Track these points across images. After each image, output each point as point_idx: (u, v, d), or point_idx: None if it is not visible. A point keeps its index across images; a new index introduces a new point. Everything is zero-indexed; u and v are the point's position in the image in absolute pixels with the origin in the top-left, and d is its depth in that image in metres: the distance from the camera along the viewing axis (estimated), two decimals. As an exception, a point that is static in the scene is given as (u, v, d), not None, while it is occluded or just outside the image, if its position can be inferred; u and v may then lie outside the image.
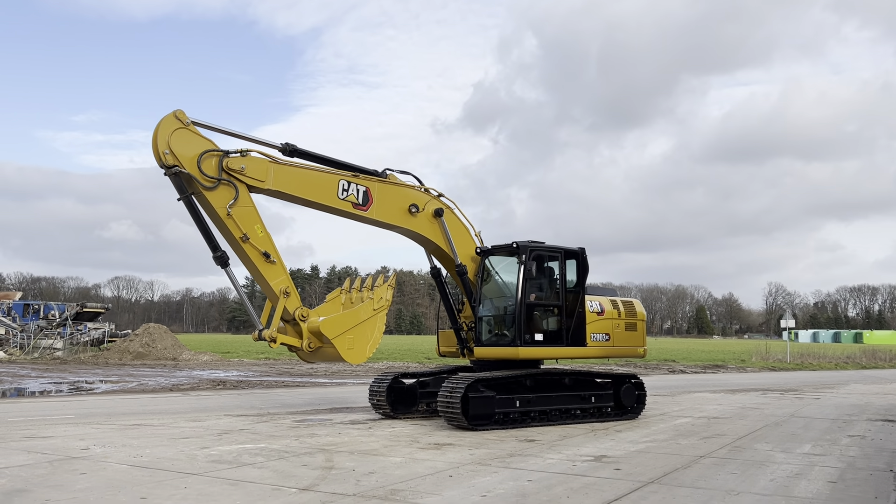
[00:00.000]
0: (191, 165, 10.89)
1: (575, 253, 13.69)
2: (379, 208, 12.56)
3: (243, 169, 11.26)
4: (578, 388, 13.61)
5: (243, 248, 11.35)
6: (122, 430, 11.96)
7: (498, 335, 13.41)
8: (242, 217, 11.26)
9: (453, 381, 12.25)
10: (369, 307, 12.12)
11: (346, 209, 12.27)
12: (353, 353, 11.98)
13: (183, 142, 10.89)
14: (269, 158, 11.64)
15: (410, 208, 12.83)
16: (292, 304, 11.81)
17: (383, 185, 12.68)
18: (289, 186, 11.75)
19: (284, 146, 12.05)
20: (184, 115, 10.96)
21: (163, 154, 10.75)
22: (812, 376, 32.83)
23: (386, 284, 12.40)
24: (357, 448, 10.12)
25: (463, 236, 13.58)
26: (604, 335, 13.91)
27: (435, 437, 11.35)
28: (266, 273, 11.56)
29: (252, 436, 11.31)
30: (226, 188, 11.15)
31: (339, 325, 11.85)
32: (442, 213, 13.17)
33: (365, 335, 12.06)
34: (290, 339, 12.03)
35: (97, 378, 26.35)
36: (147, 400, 17.71)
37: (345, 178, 12.23)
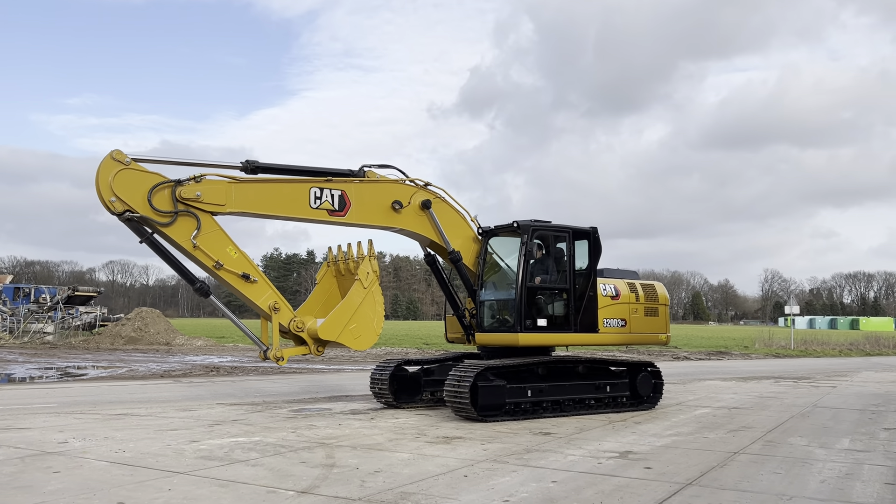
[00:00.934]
0: (142, 206, 10.03)
1: (585, 233, 12.85)
2: (358, 211, 11.57)
3: (199, 196, 10.35)
4: (593, 377, 12.81)
5: (219, 275, 10.57)
6: (106, 421, 11.14)
7: (500, 321, 12.59)
8: (210, 244, 10.42)
9: (461, 370, 11.45)
10: (359, 289, 11.32)
11: (322, 217, 11.37)
12: (361, 341, 11.29)
13: (127, 183, 9.99)
14: (228, 179, 10.72)
15: (394, 205, 11.82)
16: (284, 317, 11.09)
17: (361, 186, 11.65)
18: (253, 205, 10.84)
19: (245, 164, 11.10)
20: (122, 155, 9.97)
21: (109, 202, 9.87)
22: (819, 363, 32.15)
23: (367, 257, 11.59)
24: (360, 442, 9.32)
25: (456, 223, 12.67)
26: (619, 321, 13.11)
27: (443, 429, 10.56)
28: (250, 294, 10.80)
29: (246, 427, 10.50)
30: (185, 220, 10.30)
31: (336, 323, 11.11)
32: (430, 204, 12.15)
33: (366, 318, 11.28)
34: (296, 351, 11.38)
35: (87, 363, 25.52)
36: (136, 387, 16.89)
37: (316, 185, 11.24)
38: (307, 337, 11.23)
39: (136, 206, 10.00)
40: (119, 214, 9.97)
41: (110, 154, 9.96)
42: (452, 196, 12.64)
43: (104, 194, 9.88)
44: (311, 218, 11.33)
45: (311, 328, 11.17)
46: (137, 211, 9.98)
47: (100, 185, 9.87)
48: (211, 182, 10.57)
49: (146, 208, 10.05)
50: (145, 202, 10.05)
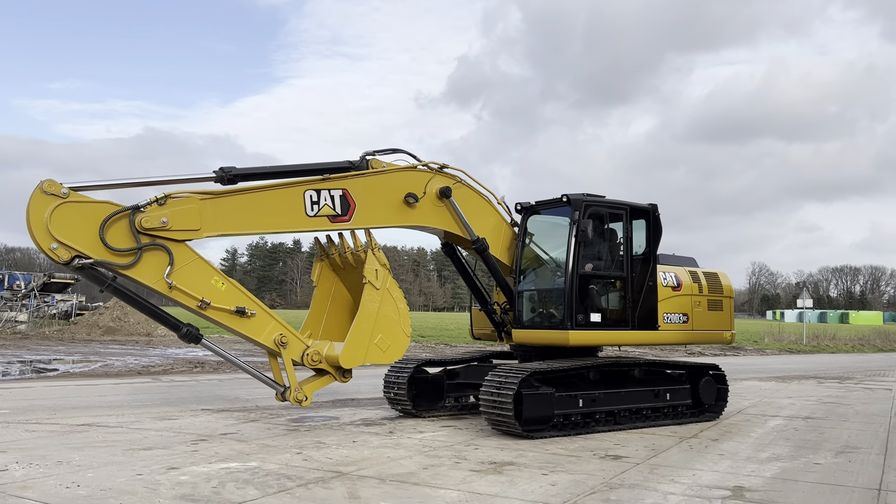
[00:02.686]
0: (93, 247, 7.76)
1: (644, 211, 10.81)
2: (365, 212, 9.40)
3: (166, 223, 8.12)
4: (651, 383, 10.79)
5: (207, 315, 8.40)
6: (65, 436, 9.01)
7: (543, 315, 10.53)
8: (189, 280, 8.25)
9: (501, 375, 9.39)
10: (372, 293, 9.21)
11: (323, 226, 9.20)
12: (392, 351, 9.33)
13: (69, 221, 7.69)
14: (200, 194, 8.45)
15: (407, 199, 9.66)
16: (296, 350, 9.00)
17: (365, 180, 9.45)
18: (235, 222, 8.62)
19: (220, 173, 8.87)
20: (55, 185, 7.66)
21: (50, 251, 7.57)
22: (842, 360, 30.38)
23: (370, 251, 9.38)
24: (386, 470, 7.24)
25: (480, 209, 10.55)
26: (680, 316, 11.09)
27: (484, 449, 8.50)
28: (249, 331, 8.66)
29: (238, 445, 8.40)
30: (152, 255, 8.08)
31: (358, 346, 9.09)
32: (449, 192, 10.00)
33: (390, 323, 9.27)
34: (320, 384, 9.35)
35: (57, 356, 23.25)
36: (108, 387, 14.70)
37: (311, 186, 9.03)
38: (328, 367, 9.19)
39: (85, 249, 7.71)
40: (66, 263, 7.66)
41: (39, 187, 7.58)
42: (473, 177, 10.52)
43: (41, 241, 7.54)
44: (310, 228, 9.17)
45: (330, 356, 9.12)
46: (89, 255, 7.72)
47: (33, 229, 7.51)
48: (178, 202, 8.27)
49: (99, 250, 7.77)
50: (97, 242, 7.76)
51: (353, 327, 9.01)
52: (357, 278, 9.77)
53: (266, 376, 9.12)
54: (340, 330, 10.06)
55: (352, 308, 10.21)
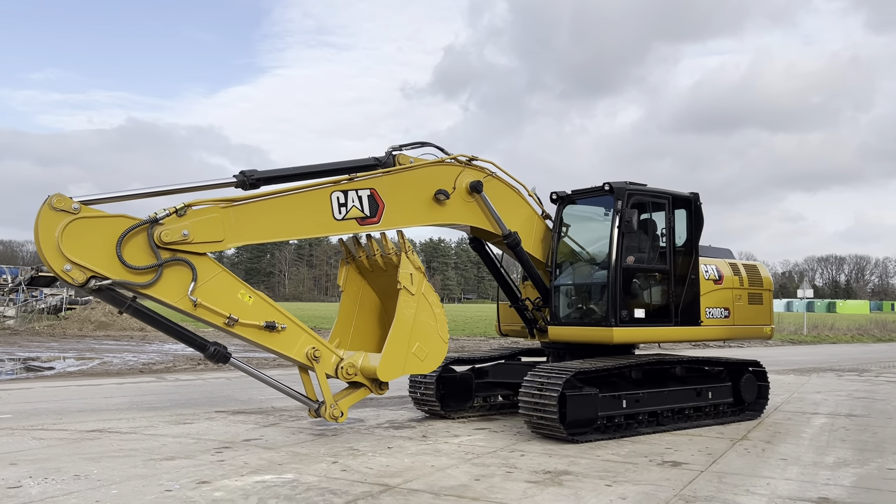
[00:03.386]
0: (110, 266, 7.09)
1: (686, 200, 10.26)
2: (394, 212, 8.81)
3: (187, 235, 7.47)
4: (692, 381, 10.27)
5: (235, 332, 7.74)
6: (77, 444, 8.38)
7: (582, 311, 9.96)
8: (215, 296, 7.62)
9: (542, 375, 8.83)
10: (407, 300, 8.55)
11: (351, 229, 8.63)
12: (430, 360, 8.68)
13: (83, 238, 7.01)
14: (222, 202, 7.82)
15: (437, 196, 9.08)
16: (329, 364, 8.37)
17: (393, 178, 8.85)
18: (261, 230, 8.00)
19: (241, 178, 8.27)
20: (65, 200, 6.97)
21: (64, 273, 6.91)
22: (848, 350, 30.07)
23: (404, 254, 8.72)
24: (437, 482, 6.67)
25: (511, 202, 9.95)
26: (722, 310, 10.56)
27: (531, 456, 7.94)
28: (280, 346, 8.03)
29: (267, 454, 7.80)
30: (174, 271, 7.41)
31: (396, 357, 8.45)
32: (480, 186, 9.39)
33: (428, 330, 8.63)
34: (356, 398, 8.72)
35: (51, 353, 22.52)
36: (112, 388, 14.04)
37: (337, 187, 8.43)
38: (363, 379, 8.57)
39: (102, 268, 7.04)
40: (82, 285, 7.00)
41: (47, 203, 6.88)
42: (503, 168, 9.91)
43: (53, 263, 6.88)
44: (338, 232, 8.59)
45: (365, 369, 8.50)
46: (106, 276, 7.05)
47: (44, 250, 6.85)
48: (199, 212, 7.63)
49: (117, 268, 7.09)
50: (114, 260, 7.09)
51: (390, 337, 8.38)
52: (386, 281, 9.18)
53: (298, 392, 8.52)
54: (370, 337, 9.48)
55: (380, 312, 9.64)
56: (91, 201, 7.25)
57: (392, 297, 9.31)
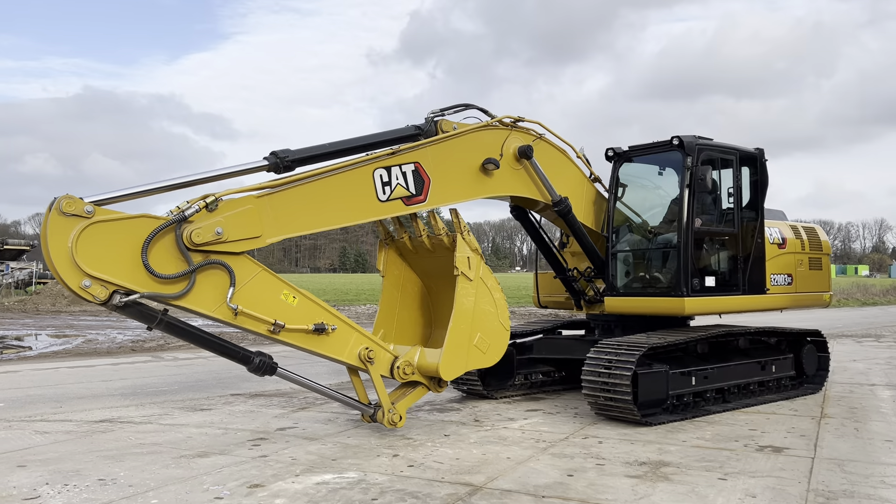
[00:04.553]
0: (136, 278, 5.89)
1: (752, 157, 9.39)
2: (442, 187, 7.67)
3: (221, 233, 6.28)
4: (756, 354, 9.49)
5: (280, 339, 6.63)
6: (89, 439, 7.34)
7: (645, 280, 9.09)
8: (257, 300, 6.49)
9: (611, 351, 7.96)
10: (466, 286, 7.50)
11: (397, 210, 7.46)
12: (493, 351, 7.67)
13: (100, 248, 5.78)
14: (255, 190, 6.62)
15: (486, 165, 8.04)
16: (384, 364, 7.35)
17: (437, 148, 7.72)
18: (300, 220, 6.87)
19: (272, 160, 6.95)
20: (75, 202, 5.71)
21: (82, 289, 5.70)
22: (843, 315, 29.78)
23: (459, 235, 7.63)
24: (528, 480, 5.77)
25: (560, 165, 8.95)
26: (786, 277, 9.77)
27: (610, 443, 7.08)
28: (330, 350, 6.97)
29: (312, 446, 6.84)
30: (208, 275, 6.25)
31: (458, 352, 7.43)
32: (531, 152, 8.35)
33: (489, 318, 7.61)
34: (413, 399, 7.67)
35: (29, 332, 21.21)
36: (108, 369, 12.92)
37: (380, 164, 7.31)
38: (421, 378, 7.57)
39: (126, 280, 5.84)
40: (105, 303, 5.81)
41: (55, 207, 5.64)
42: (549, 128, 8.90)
43: (69, 279, 5.67)
44: (384, 215, 7.44)
45: (424, 367, 7.49)
46: (133, 289, 5.87)
47: (56, 264, 5.63)
48: (231, 204, 6.43)
49: (144, 279, 5.91)
50: (140, 270, 5.89)
51: (451, 330, 7.36)
52: (432, 263, 8.19)
53: (352, 398, 7.52)
54: (416, 325, 8.51)
55: (424, 297, 8.65)
56: (104, 201, 5.98)
57: (437, 279, 8.38)
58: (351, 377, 7.56)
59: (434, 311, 8.66)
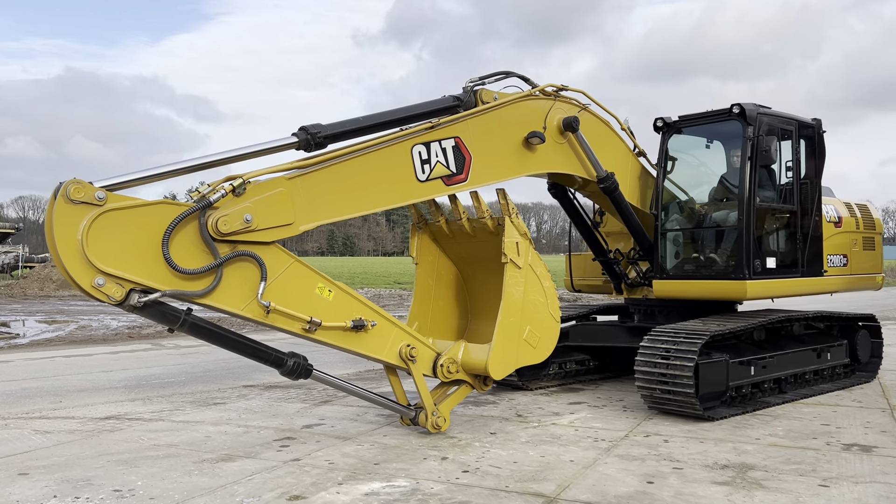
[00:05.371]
0: (156, 274, 5.08)
1: (809, 128, 8.70)
2: (482, 165, 6.90)
3: (250, 221, 5.47)
4: (810, 341, 8.84)
5: (315, 338, 5.86)
6: (95, 439, 6.59)
7: (699, 262, 8.39)
8: (289, 294, 5.70)
9: (668, 340, 7.28)
10: (514, 275, 6.76)
11: (437, 191, 6.67)
12: (543, 345, 7.01)
13: (115, 240, 4.93)
14: (288, 172, 5.79)
15: (530, 139, 7.24)
16: (426, 361, 6.63)
17: (479, 121, 6.91)
18: (335, 204, 6.04)
19: (302, 137, 6.07)
20: (84, 188, 4.83)
21: (95, 288, 4.86)
22: (841, 296, 29.28)
23: (508, 221, 6.85)
24: (606, 489, 5.09)
25: (604, 138, 8.20)
26: (841, 258, 9.12)
27: (678, 441, 6.41)
28: (369, 348, 6.22)
29: (348, 447, 6.14)
30: (236, 269, 5.44)
31: (507, 348, 6.71)
32: (577, 124, 7.55)
33: (538, 309, 6.90)
34: (457, 399, 6.99)
35: (18, 317, 20.35)
36: (106, 359, 12.14)
37: (418, 139, 6.49)
38: (466, 376, 6.85)
39: (146, 277, 5.02)
40: (121, 302, 5.00)
41: (61, 193, 4.77)
42: (594, 98, 8.14)
43: (78, 276, 4.82)
44: (423, 197, 6.64)
45: (469, 364, 6.76)
46: (153, 287, 5.06)
47: (65, 259, 4.77)
48: (260, 187, 5.59)
49: (165, 276, 5.11)
50: (160, 265, 5.08)
51: (500, 324, 6.63)
52: (471, 248, 7.46)
53: (392, 401, 6.77)
54: (451, 318, 7.78)
55: (460, 286, 7.91)
56: (115, 186, 5.11)
57: (475, 266, 7.67)
58: (388, 376, 6.83)
59: (470, 300, 7.93)
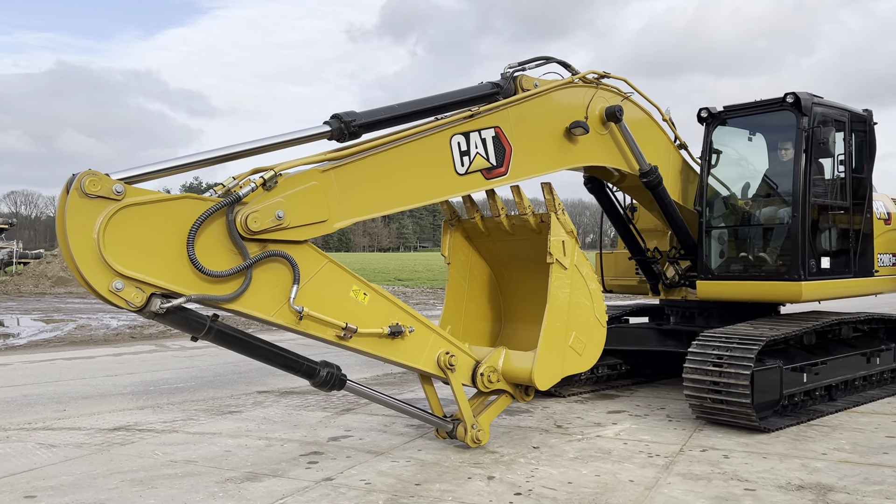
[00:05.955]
0: (180, 277, 4.54)
1: (860, 119, 8.22)
2: (522, 158, 6.35)
3: (282, 217, 4.93)
4: (860, 345, 8.37)
5: (350, 346, 5.35)
6: (106, 454, 6.07)
7: (748, 262, 7.89)
8: (323, 299, 5.18)
9: (718, 344, 6.79)
10: (560, 276, 6.22)
11: (476, 185, 6.11)
12: (589, 352, 6.49)
13: (135, 238, 4.40)
14: (321, 163, 5.27)
15: (572, 130, 6.69)
16: (465, 370, 6.09)
17: (520, 109, 6.37)
18: (373, 200, 5.51)
19: (336, 126, 5.43)
20: (102, 179, 4.29)
21: (112, 293, 4.29)
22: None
23: (554, 217, 6.28)
24: (678, 516, 4.59)
25: (647, 129, 7.68)
26: (891, 256, 8.66)
27: (739, 456, 5.93)
28: (404, 356, 5.70)
29: (383, 465, 5.64)
30: (266, 271, 4.91)
31: (553, 356, 6.19)
32: (621, 114, 7.03)
33: (584, 313, 6.38)
34: (496, 411, 6.45)
35: (13, 314, 19.77)
36: (110, 362, 11.60)
37: (457, 129, 5.95)
38: (507, 385, 6.33)
39: (169, 280, 4.49)
40: (142, 309, 4.44)
41: (76, 186, 4.22)
42: (634, 86, 7.62)
43: (95, 279, 4.26)
44: (461, 191, 6.06)
45: (510, 373, 6.24)
46: (178, 291, 4.52)
47: (78, 260, 4.22)
48: (292, 181, 5.05)
49: (190, 279, 4.58)
50: (184, 266, 4.55)
51: (545, 329, 6.11)
52: (507, 247, 6.93)
53: (429, 413, 6.25)
54: (484, 321, 7.25)
55: (494, 287, 7.38)
56: (133, 178, 4.54)
57: (510, 266, 7.16)
58: (423, 385, 6.32)
59: (504, 302, 7.42)
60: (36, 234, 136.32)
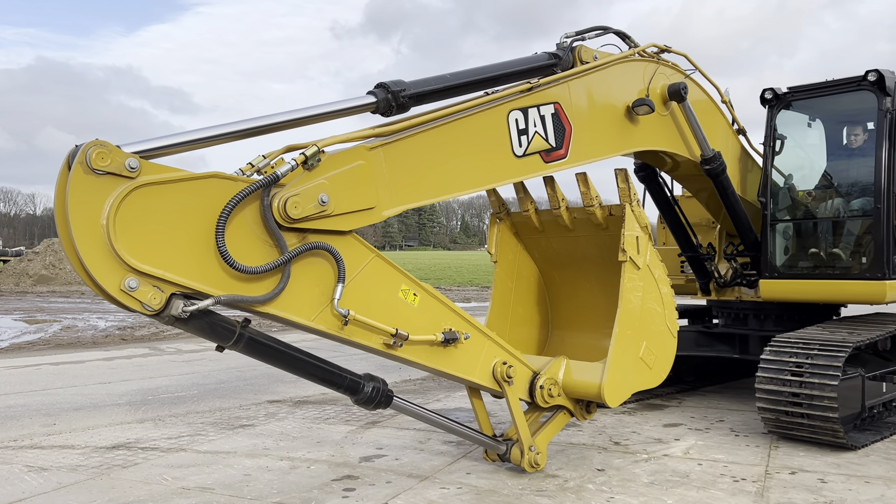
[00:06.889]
0: (210, 275, 3.66)
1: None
2: (583, 139, 5.55)
3: (326, 202, 4.07)
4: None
5: (399, 356, 4.53)
6: (107, 482, 5.24)
7: (821, 259, 7.14)
8: (370, 301, 4.35)
9: (796, 351, 6.06)
10: (633, 281, 5.41)
11: (534, 169, 5.29)
12: (659, 367, 5.61)
13: (153, 227, 3.51)
14: (366, 142, 4.40)
15: (636, 109, 5.92)
16: (523, 382, 5.28)
17: (580, 82, 5.58)
18: (426, 184, 4.68)
19: (382, 97, 4.55)
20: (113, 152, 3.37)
21: (124, 292, 3.39)
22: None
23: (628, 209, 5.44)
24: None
25: (708, 112, 6.95)
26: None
27: (837, 481, 5.19)
28: (457, 367, 4.88)
29: (430, 492, 4.87)
30: (305, 266, 4.04)
31: (624, 369, 5.35)
32: (685, 93, 6.24)
33: (655, 320, 5.56)
34: (554, 430, 5.60)
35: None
36: (101, 366, 10.71)
37: (515, 103, 5.12)
38: (567, 401, 5.50)
39: (194, 278, 3.62)
40: (160, 312, 3.55)
41: (82, 160, 3.31)
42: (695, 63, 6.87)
43: (103, 276, 3.36)
44: (517, 176, 5.25)
45: (572, 386, 5.42)
46: (204, 291, 3.65)
47: (82, 252, 3.32)
48: (336, 158, 4.19)
49: (219, 276, 3.72)
50: (211, 261, 3.69)
51: (616, 337, 5.30)
52: (562, 245, 6.12)
53: (481, 433, 5.43)
54: (531, 328, 6.44)
55: (541, 288, 6.56)
56: (150, 152, 3.63)
57: (562, 267, 6.35)
58: (471, 399, 5.52)
59: (552, 307, 6.62)
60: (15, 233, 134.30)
